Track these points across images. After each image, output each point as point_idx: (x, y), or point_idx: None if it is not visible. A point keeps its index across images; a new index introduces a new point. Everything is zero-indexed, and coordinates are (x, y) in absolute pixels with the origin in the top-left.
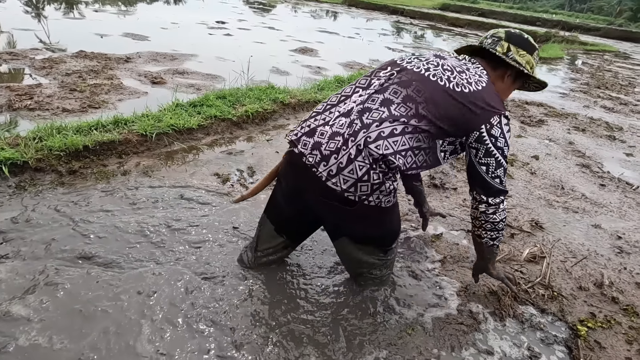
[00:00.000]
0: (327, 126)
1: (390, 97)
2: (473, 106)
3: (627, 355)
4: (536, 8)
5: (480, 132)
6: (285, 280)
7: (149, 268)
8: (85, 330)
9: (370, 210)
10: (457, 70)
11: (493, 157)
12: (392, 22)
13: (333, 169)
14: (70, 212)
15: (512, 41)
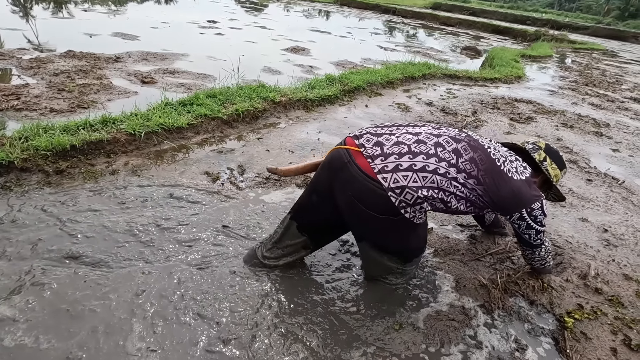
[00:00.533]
0: (392, 136)
1: (460, 150)
2: (513, 192)
3: (612, 345)
4: (526, 7)
5: (521, 214)
6: (274, 278)
7: (138, 267)
8: (73, 329)
9: (402, 223)
10: (509, 159)
11: (533, 229)
12: (384, 21)
13: (389, 165)
14: (57, 212)
15: (549, 153)
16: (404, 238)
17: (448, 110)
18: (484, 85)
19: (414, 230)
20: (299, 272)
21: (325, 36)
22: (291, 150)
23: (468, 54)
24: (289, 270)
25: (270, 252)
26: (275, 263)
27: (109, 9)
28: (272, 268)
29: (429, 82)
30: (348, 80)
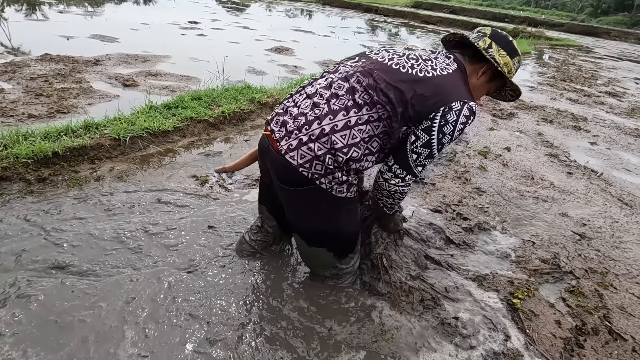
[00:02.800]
0: (295, 107)
1: (354, 85)
2: (438, 89)
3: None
4: (504, 5)
5: (433, 117)
6: (261, 281)
7: (127, 274)
8: (63, 341)
9: (322, 195)
10: (423, 59)
11: (430, 148)
12: (367, 20)
13: (293, 143)
14: (41, 221)
15: (495, 39)
16: (330, 216)
17: None
18: None
19: (337, 207)
20: (286, 275)
21: (309, 36)
22: None
23: None
24: (276, 273)
25: (256, 235)
26: (262, 247)
27: (86, 10)
28: (262, 253)
29: None
30: None
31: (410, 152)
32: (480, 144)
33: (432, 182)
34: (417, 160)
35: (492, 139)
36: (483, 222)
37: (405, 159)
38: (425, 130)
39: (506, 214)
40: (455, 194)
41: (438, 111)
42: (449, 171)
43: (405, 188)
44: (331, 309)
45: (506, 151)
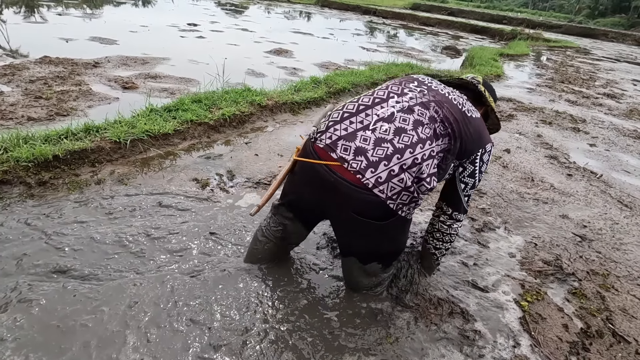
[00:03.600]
0: (367, 131)
1: (434, 114)
2: (478, 131)
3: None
4: (502, 7)
5: (476, 155)
6: (264, 284)
7: (129, 279)
8: (65, 345)
9: (399, 222)
10: (464, 99)
11: (474, 178)
12: (365, 22)
13: (383, 175)
14: (41, 225)
15: (486, 87)
16: (396, 238)
17: None
18: None
19: (405, 226)
20: (289, 278)
21: (308, 38)
22: (280, 154)
23: (448, 53)
24: (279, 276)
25: (274, 228)
26: (280, 239)
27: (84, 13)
28: (277, 249)
29: None
30: (333, 82)
31: (459, 182)
32: None
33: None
34: (465, 189)
35: None
36: (488, 222)
37: (453, 190)
38: (472, 162)
39: (507, 216)
40: None
41: (478, 152)
42: None
43: (451, 228)
44: (354, 319)
45: (506, 153)
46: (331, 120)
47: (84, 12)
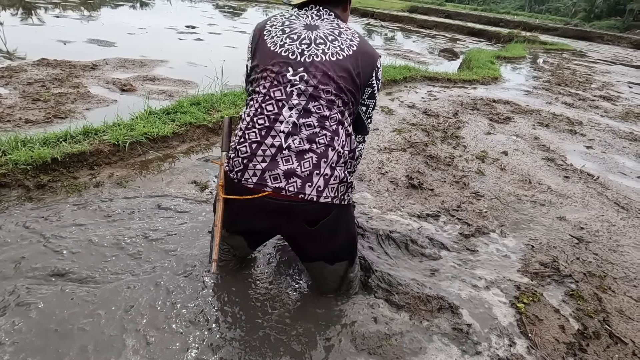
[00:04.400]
0: (284, 151)
1: (330, 97)
2: (366, 55)
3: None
4: (498, 9)
5: (371, 79)
6: (263, 286)
7: (126, 281)
8: (62, 349)
9: (345, 211)
10: (330, 39)
11: (374, 99)
12: (363, 25)
13: (320, 184)
14: (40, 228)
15: None
16: (350, 226)
17: (430, 112)
18: (463, 86)
19: (352, 212)
20: (285, 279)
21: None
22: None
23: (446, 56)
24: (275, 277)
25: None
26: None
27: (82, 15)
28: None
29: (410, 84)
30: None
31: (361, 108)
32: (478, 148)
33: (431, 188)
34: (367, 112)
35: (489, 143)
36: (482, 226)
37: (361, 120)
38: (376, 77)
39: (505, 218)
40: (454, 199)
41: (372, 75)
42: (447, 176)
43: (363, 147)
44: (342, 320)
45: (503, 155)
46: (243, 155)
47: (82, 14)
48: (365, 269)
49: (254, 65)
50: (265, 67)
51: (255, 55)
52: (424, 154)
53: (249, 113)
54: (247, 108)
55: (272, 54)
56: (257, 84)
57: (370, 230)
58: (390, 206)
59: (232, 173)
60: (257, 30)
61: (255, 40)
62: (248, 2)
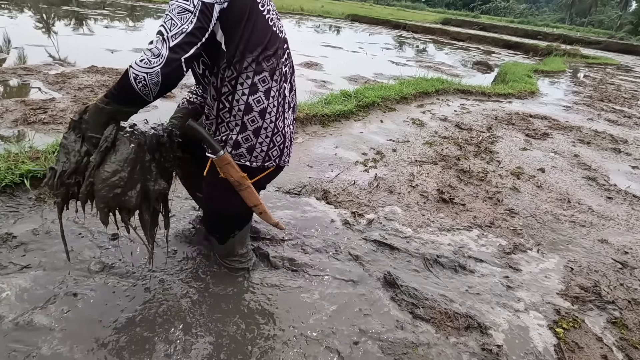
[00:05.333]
0: (292, 126)
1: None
2: None
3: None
4: (536, 22)
5: None
6: (296, 294)
7: (160, 279)
8: (105, 340)
9: None
10: (277, 15)
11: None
12: (395, 37)
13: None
14: (87, 223)
15: None
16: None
17: (463, 125)
18: (498, 100)
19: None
20: (306, 283)
21: (337, 51)
22: (309, 165)
23: (479, 68)
24: (307, 284)
25: None
26: None
27: (127, 26)
28: None
29: (442, 97)
30: (363, 96)
31: None
32: (512, 164)
33: (462, 203)
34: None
35: (525, 159)
36: (518, 244)
37: None
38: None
39: (541, 238)
40: (487, 215)
41: None
42: (480, 191)
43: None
44: (379, 328)
45: (540, 172)
46: (285, 143)
47: (127, 25)
48: (390, 284)
49: (253, 39)
50: (270, 47)
51: (253, 26)
52: (455, 168)
53: (269, 100)
54: (264, 87)
55: (272, 32)
56: (269, 63)
57: (398, 244)
58: (420, 221)
59: (273, 161)
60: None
61: (241, 12)
62: (282, 14)
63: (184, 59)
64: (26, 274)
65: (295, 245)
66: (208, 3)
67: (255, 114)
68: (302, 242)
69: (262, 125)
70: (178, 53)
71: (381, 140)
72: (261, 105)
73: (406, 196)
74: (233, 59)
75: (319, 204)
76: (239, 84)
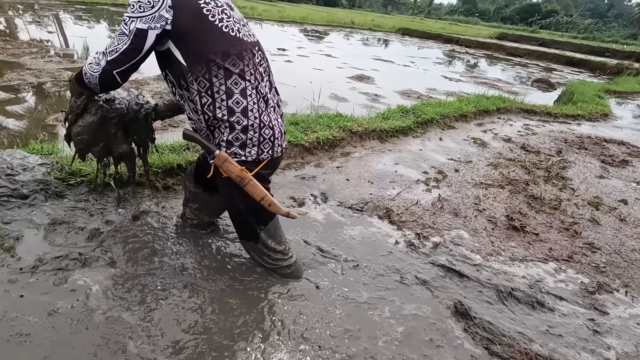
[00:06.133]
0: (280, 119)
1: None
2: None
3: None
4: (604, 38)
5: None
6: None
7: (235, 283)
8: (183, 343)
9: None
10: (243, 22)
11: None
12: (447, 51)
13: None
14: (168, 224)
15: None
16: None
17: (529, 148)
18: (565, 122)
19: None
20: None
21: (389, 65)
22: (370, 181)
23: (540, 86)
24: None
25: None
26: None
27: None
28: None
29: (504, 116)
30: (421, 112)
31: None
32: (589, 193)
33: (535, 232)
34: None
35: (603, 189)
36: (603, 283)
37: None
38: None
39: (629, 278)
40: (564, 248)
41: None
42: (554, 221)
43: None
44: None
45: (622, 204)
46: (271, 135)
47: None
48: (462, 315)
49: (210, 48)
50: (231, 52)
51: (205, 37)
52: (524, 193)
53: (247, 99)
54: (238, 89)
55: (229, 38)
56: (235, 66)
57: (467, 271)
58: (490, 248)
59: (266, 153)
60: (189, 17)
61: (191, 16)
62: (333, 27)
63: (115, 72)
64: (112, 269)
65: (359, 266)
66: (142, 29)
67: (239, 114)
68: (367, 262)
69: (248, 123)
70: (112, 66)
71: (442, 159)
72: (241, 105)
73: (473, 220)
74: (198, 71)
75: (381, 223)
76: (215, 92)
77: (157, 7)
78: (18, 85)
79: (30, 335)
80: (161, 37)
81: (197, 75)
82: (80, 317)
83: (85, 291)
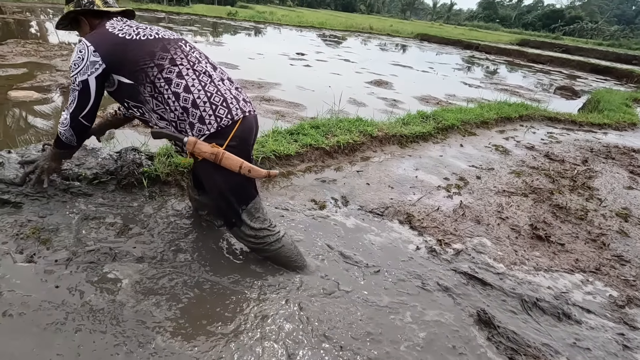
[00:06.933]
0: (233, 89)
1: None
2: None
3: None
4: (631, 45)
5: None
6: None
7: (255, 280)
8: (209, 340)
9: None
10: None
11: None
12: (467, 57)
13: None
14: (195, 222)
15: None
16: None
17: (553, 156)
18: (590, 130)
19: None
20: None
21: (407, 70)
22: (390, 186)
23: (563, 94)
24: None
25: None
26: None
27: (207, 40)
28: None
29: (526, 123)
30: (442, 118)
31: None
32: (617, 204)
33: (560, 242)
34: None
35: (632, 200)
36: (634, 297)
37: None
38: None
39: None
40: (591, 260)
41: None
42: (580, 231)
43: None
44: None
45: None
46: (223, 103)
47: (207, 39)
48: (486, 323)
49: (135, 60)
50: (155, 51)
51: (130, 55)
52: (549, 202)
53: (184, 78)
54: (174, 74)
55: (147, 42)
56: (163, 60)
57: (490, 279)
58: (513, 257)
59: (225, 118)
60: (111, 47)
61: (112, 45)
62: (351, 32)
63: (81, 117)
64: (140, 265)
65: (380, 271)
66: (84, 80)
67: (183, 94)
68: (387, 267)
69: (194, 97)
70: (75, 114)
71: (463, 166)
72: (181, 86)
73: (495, 228)
74: (141, 80)
75: (402, 228)
76: (159, 88)
77: (85, 58)
78: (48, 87)
79: (65, 324)
80: (105, 77)
81: (143, 85)
82: (110, 309)
83: (116, 284)
